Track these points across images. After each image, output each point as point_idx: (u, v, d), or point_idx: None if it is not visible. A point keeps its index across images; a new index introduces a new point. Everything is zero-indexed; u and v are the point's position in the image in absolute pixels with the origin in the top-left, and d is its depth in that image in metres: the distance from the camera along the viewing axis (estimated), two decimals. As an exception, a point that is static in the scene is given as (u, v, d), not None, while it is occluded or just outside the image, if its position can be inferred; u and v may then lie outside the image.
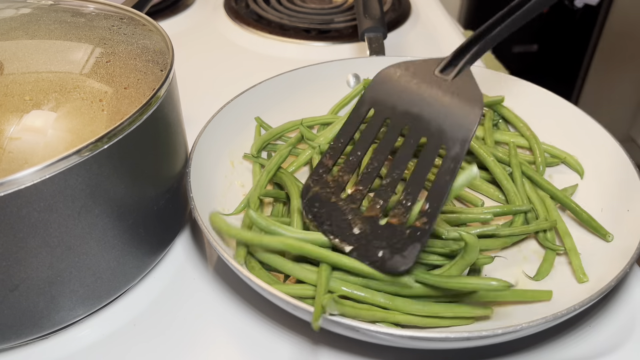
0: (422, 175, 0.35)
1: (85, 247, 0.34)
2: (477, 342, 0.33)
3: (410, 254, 0.33)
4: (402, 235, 0.34)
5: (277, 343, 0.38)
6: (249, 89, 0.52)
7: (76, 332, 0.38)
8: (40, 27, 0.41)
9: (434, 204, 0.34)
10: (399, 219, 0.35)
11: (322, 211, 0.37)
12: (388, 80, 0.40)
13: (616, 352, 0.37)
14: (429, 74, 0.39)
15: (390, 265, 0.34)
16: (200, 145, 0.45)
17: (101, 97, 0.36)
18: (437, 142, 0.36)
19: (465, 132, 0.36)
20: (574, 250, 0.42)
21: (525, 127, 0.52)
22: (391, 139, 0.38)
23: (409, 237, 0.34)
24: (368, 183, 0.37)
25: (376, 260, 0.34)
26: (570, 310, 0.33)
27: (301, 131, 0.52)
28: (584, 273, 0.40)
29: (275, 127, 0.53)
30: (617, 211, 0.43)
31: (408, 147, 0.37)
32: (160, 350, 0.37)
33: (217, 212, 0.38)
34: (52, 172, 0.30)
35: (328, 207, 0.37)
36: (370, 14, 0.66)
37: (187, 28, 0.80)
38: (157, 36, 0.42)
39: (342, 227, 0.36)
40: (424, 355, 0.37)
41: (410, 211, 0.35)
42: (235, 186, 0.48)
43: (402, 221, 0.35)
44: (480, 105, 0.37)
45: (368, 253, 0.34)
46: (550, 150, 0.51)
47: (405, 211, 0.35)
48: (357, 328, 0.32)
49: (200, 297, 0.41)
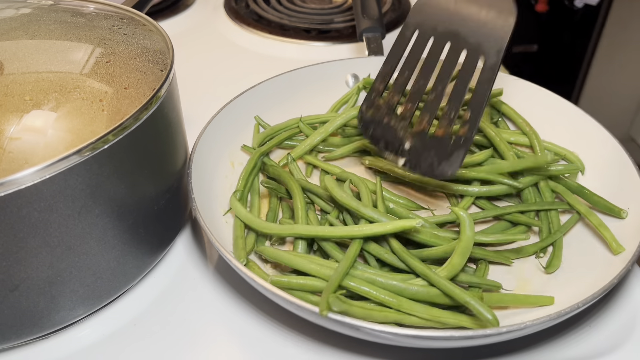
0: (463, 87, 0.39)
1: (86, 247, 0.34)
2: (481, 341, 0.33)
3: (455, 159, 0.37)
4: (447, 144, 0.38)
5: (278, 342, 0.38)
6: (249, 89, 0.52)
7: (76, 332, 0.38)
8: (41, 27, 0.41)
9: (475, 112, 0.38)
10: (444, 129, 0.38)
11: (377, 132, 0.41)
12: (428, 4, 0.42)
13: (616, 352, 0.37)
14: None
15: (440, 171, 0.38)
16: (201, 146, 0.45)
17: (101, 97, 0.36)
18: (475, 54, 0.39)
19: (500, 42, 0.39)
20: (603, 225, 0.42)
21: (525, 123, 0.52)
22: (434, 57, 0.41)
23: (454, 144, 0.38)
24: (416, 100, 0.40)
25: (426, 168, 0.38)
26: (574, 308, 0.33)
27: (300, 128, 0.52)
28: (619, 244, 0.40)
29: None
30: (617, 211, 0.43)
31: (450, 62, 0.40)
32: (160, 350, 0.37)
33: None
34: (52, 172, 0.30)
35: (382, 127, 0.40)
36: (369, 14, 0.66)
37: (187, 28, 0.80)
38: (157, 36, 0.42)
39: (395, 143, 0.40)
40: (427, 354, 0.37)
41: (454, 122, 0.38)
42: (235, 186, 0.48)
43: (447, 132, 0.38)
44: (513, 16, 0.39)
45: (419, 163, 0.39)
46: (551, 148, 0.51)
47: (449, 122, 0.38)
48: (359, 327, 0.32)
49: (201, 296, 0.41)
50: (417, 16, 0.42)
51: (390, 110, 0.40)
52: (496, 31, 0.39)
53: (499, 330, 0.32)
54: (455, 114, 0.38)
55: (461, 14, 0.41)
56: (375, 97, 0.42)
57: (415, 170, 0.39)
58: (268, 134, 0.52)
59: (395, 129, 0.40)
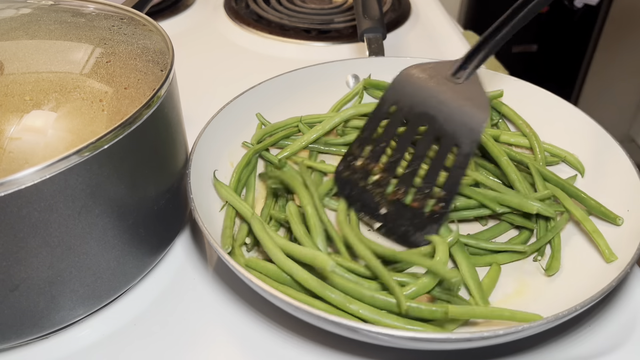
0: (437, 168, 0.41)
1: (86, 247, 0.34)
2: (478, 343, 0.33)
3: (429, 231, 0.39)
4: (422, 216, 0.40)
5: (276, 343, 0.38)
6: (249, 89, 0.52)
7: (76, 332, 0.38)
8: (41, 27, 0.41)
9: (450, 192, 0.40)
10: (419, 203, 0.41)
11: (353, 193, 0.42)
12: (407, 82, 0.44)
13: (616, 352, 0.37)
14: (442, 76, 0.44)
15: (414, 240, 0.40)
16: (200, 146, 0.45)
17: (101, 97, 0.36)
18: (450, 141, 0.41)
19: (475, 134, 0.41)
20: (597, 231, 0.42)
21: (525, 124, 0.52)
22: (410, 135, 0.43)
23: (429, 218, 0.40)
24: (392, 171, 0.42)
25: (401, 235, 0.40)
26: (572, 310, 0.33)
27: (299, 128, 0.52)
28: (612, 252, 0.40)
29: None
30: (617, 211, 0.43)
31: (425, 143, 0.42)
32: (160, 350, 0.37)
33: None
34: (52, 172, 0.30)
35: (358, 190, 0.42)
36: (370, 15, 0.66)
37: (187, 28, 0.80)
38: (157, 36, 0.42)
39: (371, 207, 0.42)
40: (425, 356, 0.37)
41: (429, 197, 0.40)
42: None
43: (422, 205, 0.40)
44: (487, 110, 0.42)
45: (394, 230, 0.41)
46: (550, 149, 0.51)
47: (424, 197, 0.40)
48: (357, 329, 0.32)
49: (200, 296, 0.41)
50: (395, 92, 0.44)
51: (366, 176, 0.42)
52: (472, 123, 0.41)
53: (496, 333, 0.31)
54: (430, 191, 0.41)
55: (438, 98, 0.42)
56: (351, 160, 0.43)
57: (390, 236, 0.41)
58: (267, 131, 0.52)
59: (371, 193, 0.42)
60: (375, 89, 0.58)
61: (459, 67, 0.43)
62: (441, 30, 0.80)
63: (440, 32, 0.79)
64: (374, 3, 0.68)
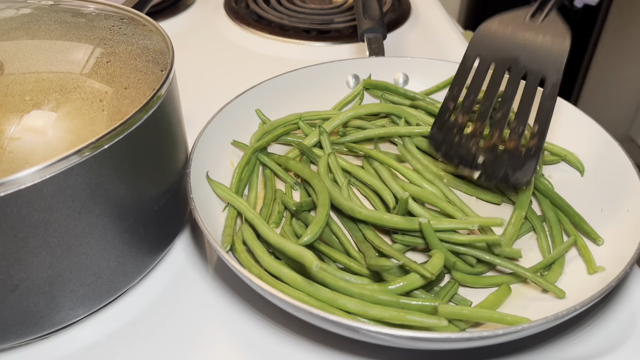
0: (528, 104, 0.42)
1: (86, 247, 0.34)
2: (478, 343, 0.33)
3: (528, 168, 0.40)
4: (519, 155, 0.41)
5: (276, 343, 0.38)
6: (248, 89, 0.52)
7: (76, 332, 0.38)
8: (41, 27, 0.41)
9: (542, 124, 0.41)
10: (515, 142, 0.41)
11: (449, 150, 0.44)
12: (485, 35, 0.46)
13: (616, 352, 0.37)
14: (520, 22, 0.45)
15: (515, 180, 0.41)
16: (200, 146, 0.45)
17: (101, 97, 0.36)
18: (536, 75, 0.42)
19: (559, 61, 0.42)
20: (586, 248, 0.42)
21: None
22: (497, 80, 0.44)
23: (525, 155, 0.41)
24: (484, 119, 0.43)
25: (502, 178, 0.41)
26: (571, 310, 0.33)
27: (300, 126, 0.53)
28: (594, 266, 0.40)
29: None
30: (617, 211, 0.43)
31: (513, 83, 0.43)
32: (160, 350, 0.37)
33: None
34: (52, 172, 0.30)
35: (454, 145, 0.44)
36: (370, 15, 0.66)
37: (187, 28, 0.80)
38: (157, 36, 0.42)
39: (468, 159, 0.43)
40: (424, 356, 0.37)
41: (523, 135, 0.41)
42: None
43: (517, 144, 0.41)
44: (568, 38, 0.43)
45: (494, 174, 0.42)
46: (551, 148, 0.51)
47: (519, 136, 0.41)
48: (357, 328, 0.32)
49: (200, 297, 0.41)
50: (476, 47, 0.45)
51: (460, 130, 0.44)
52: (553, 53, 0.42)
53: (496, 333, 0.31)
54: (524, 129, 0.42)
55: (518, 40, 0.44)
56: (445, 118, 0.45)
57: (492, 180, 0.42)
58: (267, 129, 0.52)
59: (466, 146, 0.43)
60: (376, 89, 0.58)
61: (535, 11, 0.45)
62: (441, 30, 0.80)
63: (440, 32, 0.79)
64: (374, 3, 0.68)
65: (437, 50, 0.74)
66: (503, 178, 0.41)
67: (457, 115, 0.44)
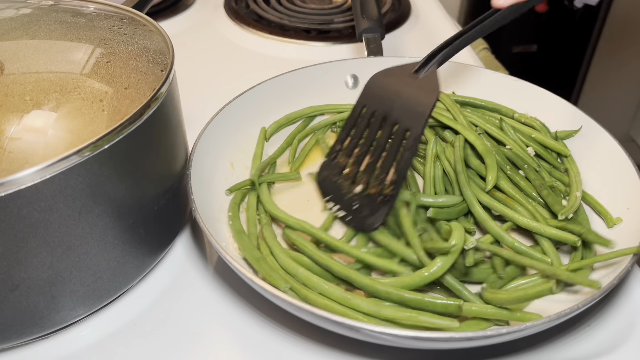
0: (392, 154, 0.44)
1: (86, 247, 0.34)
2: (480, 342, 0.33)
3: (380, 215, 0.42)
4: (376, 201, 0.43)
5: (277, 343, 0.38)
6: (248, 90, 0.52)
7: (76, 332, 0.38)
8: (41, 27, 0.41)
9: (400, 175, 0.43)
10: (375, 189, 0.44)
11: (328, 188, 0.46)
12: (373, 85, 0.49)
13: (616, 352, 0.37)
14: (405, 75, 0.48)
15: (367, 224, 0.43)
16: (200, 147, 0.45)
17: (101, 97, 0.36)
18: (403, 126, 0.45)
19: (422, 116, 0.44)
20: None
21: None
22: (374, 128, 0.47)
23: (380, 202, 0.43)
24: (359, 163, 0.46)
25: (357, 222, 0.43)
26: (574, 309, 0.33)
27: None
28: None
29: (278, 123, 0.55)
30: (617, 211, 0.43)
31: (385, 132, 0.46)
32: (160, 350, 0.37)
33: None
34: (52, 172, 0.30)
35: (333, 184, 0.46)
36: (368, 15, 0.66)
37: (187, 28, 0.80)
38: (157, 36, 0.42)
39: (340, 198, 0.45)
40: (426, 355, 0.37)
41: (383, 182, 0.44)
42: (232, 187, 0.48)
43: (377, 191, 0.44)
44: (436, 95, 0.45)
45: (353, 217, 0.44)
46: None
47: (379, 182, 0.44)
48: (358, 328, 0.32)
49: (201, 296, 0.41)
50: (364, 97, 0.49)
51: (340, 171, 0.47)
52: (420, 107, 0.45)
53: (498, 332, 0.32)
54: (385, 177, 0.44)
55: (398, 93, 0.47)
56: (331, 158, 0.48)
57: (350, 222, 0.44)
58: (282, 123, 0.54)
59: (340, 186, 0.46)
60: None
61: (419, 67, 0.47)
62: (441, 31, 0.80)
63: (440, 32, 0.79)
64: (372, 3, 0.68)
65: (437, 50, 0.74)
66: (359, 222, 0.43)
67: (340, 157, 0.48)
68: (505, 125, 0.52)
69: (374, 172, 0.45)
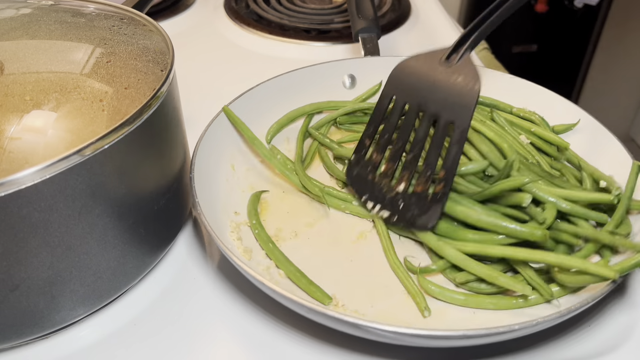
0: (437, 148, 0.42)
1: (86, 247, 0.34)
2: (480, 341, 0.33)
3: (433, 213, 0.40)
4: (425, 199, 0.41)
5: (280, 341, 0.38)
6: (247, 91, 0.52)
7: (76, 332, 0.38)
8: (41, 27, 0.41)
9: (449, 171, 0.41)
10: (422, 186, 0.41)
11: (363, 187, 0.44)
12: (401, 73, 0.46)
13: (616, 352, 0.37)
14: (435, 62, 0.45)
15: (420, 224, 0.40)
16: (202, 150, 0.45)
17: (101, 97, 0.36)
18: (446, 118, 0.42)
19: (468, 107, 0.42)
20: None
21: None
22: (410, 123, 0.44)
23: (432, 200, 0.40)
24: (396, 159, 0.44)
25: (407, 221, 0.41)
26: (573, 309, 0.33)
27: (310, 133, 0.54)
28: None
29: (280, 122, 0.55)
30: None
31: (424, 126, 0.43)
32: (160, 350, 0.37)
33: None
34: (52, 172, 0.30)
35: (367, 183, 0.44)
36: (364, 15, 0.66)
37: (187, 28, 0.80)
38: (157, 36, 0.42)
39: (379, 197, 0.43)
40: (427, 353, 0.37)
41: (431, 179, 0.41)
42: (237, 190, 0.48)
43: (424, 188, 0.41)
44: (479, 83, 0.43)
45: (401, 217, 0.41)
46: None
47: (427, 180, 0.41)
48: (360, 325, 0.32)
49: (201, 296, 0.41)
50: (392, 86, 0.46)
51: (373, 169, 0.44)
52: (464, 98, 0.42)
53: (498, 330, 0.32)
54: (432, 173, 0.42)
55: (433, 82, 0.44)
56: (361, 155, 0.45)
57: (398, 223, 0.41)
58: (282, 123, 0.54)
59: (378, 184, 0.43)
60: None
61: (450, 52, 0.45)
62: (441, 31, 0.80)
63: (440, 32, 0.79)
64: (367, 3, 0.68)
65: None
66: (409, 221, 0.41)
67: (372, 153, 0.45)
68: (497, 117, 0.52)
69: (416, 168, 0.42)
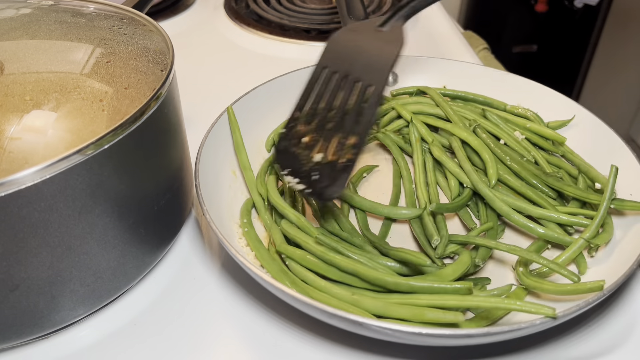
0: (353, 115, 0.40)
1: (86, 247, 0.34)
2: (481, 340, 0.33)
3: (340, 183, 0.38)
4: (335, 168, 0.39)
5: (284, 339, 0.38)
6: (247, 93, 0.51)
7: (76, 332, 0.38)
8: (41, 27, 0.41)
9: (361, 137, 0.39)
10: (336, 155, 0.40)
11: (286, 161, 0.41)
12: (334, 43, 0.45)
13: (616, 352, 0.37)
14: (368, 30, 0.44)
15: (327, 195, 0.38)
16: (205, 155, 0.44)
17: (101, 97, 0.36)
18: (365, 83, 0.41)
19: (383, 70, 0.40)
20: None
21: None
22: (335, 91, 0.43)
23: (341, 169, 0.39)
24: (320, 130, 0.42)
25: (317, 192, 0.39)
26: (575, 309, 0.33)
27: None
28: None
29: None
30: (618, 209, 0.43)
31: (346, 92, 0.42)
32: (160, 350, 0.37)
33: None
34: (52, 172, 0.30)
35: (290, 156, 0.41)
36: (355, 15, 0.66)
37: (187, 28, 0.80)
38: (157, 36, 0.42)
39: (298, 171, 0.40)
40: (426, 352, 0.37)
41: (342, 148, 0.40)
42: (240, 196, 0.47)
43: (338, 156, 0.39)
44: (399, 47, 0.41)
45: (313, 188, 0.39)
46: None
47: (341, 147, 0.40)
48: (362, 323, 0.32)
49: (202, 295, 0.41)
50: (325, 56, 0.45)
51: (298, 141, 0.42)
52: (382, 60, 0.41)
53: (500, 330, 0.32)
54: (346, 140, 0.40)
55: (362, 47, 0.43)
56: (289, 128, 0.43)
57: (310, 195, 0.39)
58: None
59: (300, 156, 0.41)
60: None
61: (385, 20, 0.44)
62: (441, 30, 0.80)
63: (440, 32, 0.79)
64: (357, 3, 0.68)
65: (437, 50, 0.74)
66: (318, 193, 0.39)
67: (299, 125, 0.43)
68: (489, 115, 0.52)
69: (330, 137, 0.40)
